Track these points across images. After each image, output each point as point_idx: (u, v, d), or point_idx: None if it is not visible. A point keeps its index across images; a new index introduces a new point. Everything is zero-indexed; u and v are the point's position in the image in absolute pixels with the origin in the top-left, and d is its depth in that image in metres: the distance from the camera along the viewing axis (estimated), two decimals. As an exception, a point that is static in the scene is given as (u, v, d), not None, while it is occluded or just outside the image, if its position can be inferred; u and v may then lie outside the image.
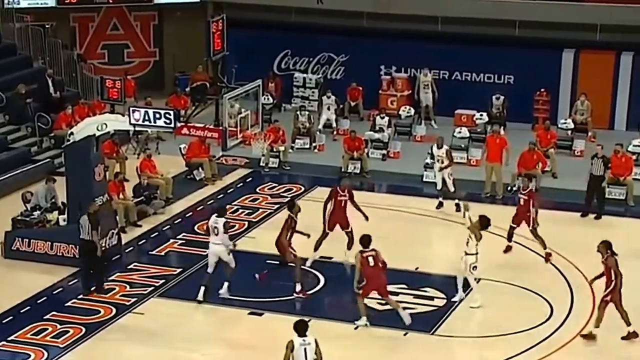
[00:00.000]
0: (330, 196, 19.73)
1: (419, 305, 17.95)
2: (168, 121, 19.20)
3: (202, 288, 17.84)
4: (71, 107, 26.14)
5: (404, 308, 17.47)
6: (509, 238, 20.06)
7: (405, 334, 16.87)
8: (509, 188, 23.53)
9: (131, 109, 19.58)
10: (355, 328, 16.95)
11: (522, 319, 17.26)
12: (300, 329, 13.36)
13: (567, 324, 17.19)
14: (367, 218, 19.43)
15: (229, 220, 18.64)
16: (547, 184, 24.03)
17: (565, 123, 27.43)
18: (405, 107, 28.87)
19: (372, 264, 16.82)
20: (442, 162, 22.43)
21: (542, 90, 28.63)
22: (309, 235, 18.80)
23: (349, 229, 19.51)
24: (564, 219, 21.98)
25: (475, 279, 17.81)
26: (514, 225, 20.03)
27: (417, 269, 19.54)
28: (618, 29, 28.10)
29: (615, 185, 23.24)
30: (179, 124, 20.09)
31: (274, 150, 25.72)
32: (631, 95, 28.39)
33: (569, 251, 19.86)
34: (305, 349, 13.20)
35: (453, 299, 17.86)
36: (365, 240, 17.00)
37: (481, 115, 27.85)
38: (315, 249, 19.46)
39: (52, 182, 21.48)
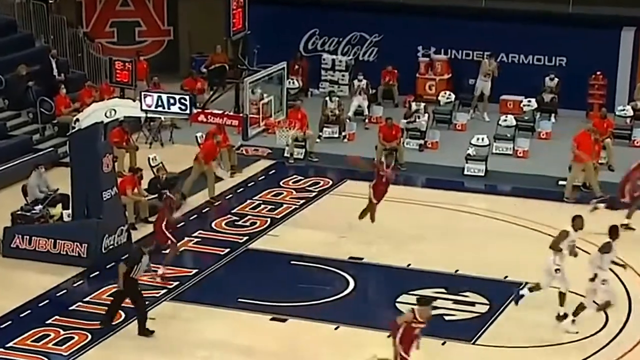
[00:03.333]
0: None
1: (458, 311, 17.94)
2: (183, 107, 19.25)
3: None
4: (64, 88, 26.31)
5: (443, 315, 17.49)
6: None
7: (443, 343, 16.87)
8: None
9: (143, 93, 19.64)
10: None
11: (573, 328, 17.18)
12: None
13: (623, 335, 17.11)
14: None
15: None
16: (604, 178, 23.89)
17: (623, 110, 27.31)
18: (445, 93, 28.84)
19: None
20: None
21: (598, 73, 28.48)
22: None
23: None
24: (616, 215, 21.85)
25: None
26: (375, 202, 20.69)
27: (457, 271, 19.53)
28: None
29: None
30: (195, 110, 20.12)
31: (304, 135, 25.68)
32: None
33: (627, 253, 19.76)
34: None
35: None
36: None
37: (529, 101, 27.76)
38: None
39: (43, 170, 21.60)
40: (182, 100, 19.28)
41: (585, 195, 22.98)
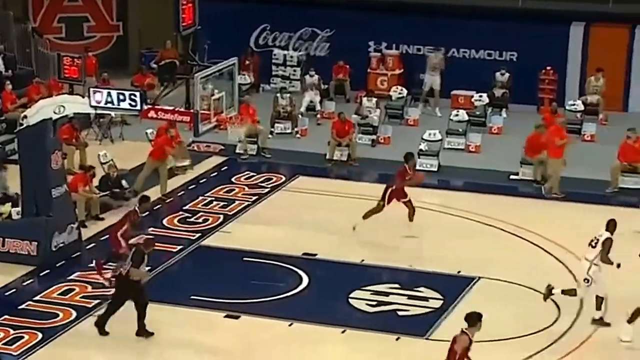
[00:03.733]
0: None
1: (412, 307, 18.01)
2: (133, 103, 19.15)
3: None
4: (10, 84, 26.06)
5: (396, 310, 17.56)
6: None
7: (397, 339, 16.93)
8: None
9: (92, 89, 19.52)
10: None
11: (526, 322, 17.29)
12: None
13: (576, 327, 17.28)
14: None
15: None
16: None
17: (574, 105, 27.56)
18: (397, 88, 28.94)
19: None
20: None
21: (548, 68, 28.72)
22: None
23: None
24: (568, 209, 22.09)
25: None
26: None
27: (410, 266, 19.62)
28: (632, -1, 28.32)
29: (629, 173, 23.39)
30: (145, 107, 20.04)
31: (256, 129, 25.67)
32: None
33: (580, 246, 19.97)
34: None
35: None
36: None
37: (480, 96, 27.94)
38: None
39: (3, 170, 21.41)
40: (132, 97, 19.15)
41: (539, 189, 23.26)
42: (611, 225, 17.12)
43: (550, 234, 20.64)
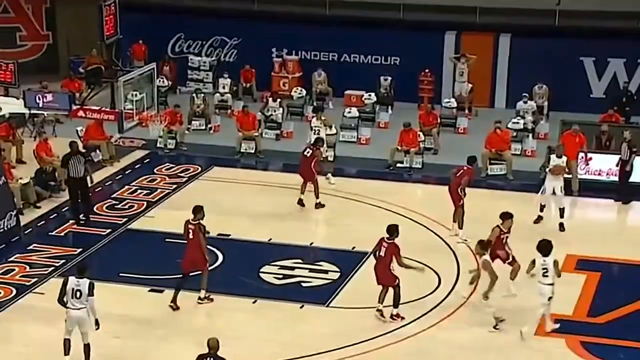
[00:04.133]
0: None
1: (314, 279, 18.17)
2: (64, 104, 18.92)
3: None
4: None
5: (300, 282, 17.73)
6: None
7: (301, 307, 17.07)
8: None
9: (26, 92, 19.19)
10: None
11: (411, 289, 17.54)
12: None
13: (454, 293, 17.65)
14: None
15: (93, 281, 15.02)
16: (431, 160, 24.55)
17: (448, 102, 27.97)
18: (297, 89, 29.01)
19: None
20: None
21: (427, 71, 29.08)
22: None
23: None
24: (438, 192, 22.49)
25: None
26: None
27: (311, 244, 19.75)
28: (496, 11, 28.78)
29: (496, 160, 23.91)
30: (74, 107, 19.79)
31: (172, 132, 25.58)
32: (509, 75, 29.12)
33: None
34: None
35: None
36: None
37: (369, 95, 28.20)
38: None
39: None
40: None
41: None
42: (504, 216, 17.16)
43: (428, 212, 21.00)
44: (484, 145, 23.90)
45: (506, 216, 17.28)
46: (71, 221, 20.54)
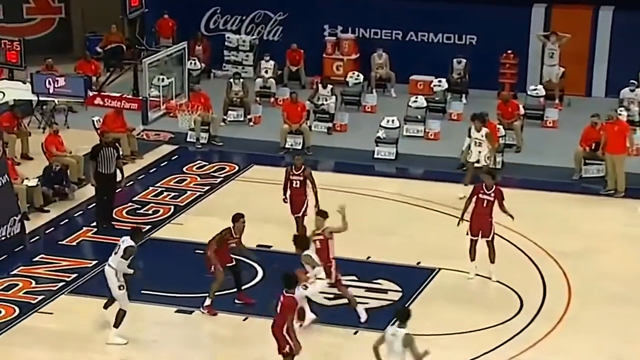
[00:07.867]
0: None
1: (371, 299, 18.15)
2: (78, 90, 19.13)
3: None
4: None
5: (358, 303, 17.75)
6: None
7: (355, 333, 17.06)
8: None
9: (34, 75, 19.45)
10: None
11: (487, 314, 17.47)
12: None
13: (539, 320, 17.51)
14: (512, 217, 18.85)
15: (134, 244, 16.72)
16: (513, 160, 24.40)
17: (535, 90, 27.79)
18: (353, 73, 29.04)
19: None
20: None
21: (509, 52, 28.93)
22: None
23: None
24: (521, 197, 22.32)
25: None
26: None
27: (368, 258, 19.74)
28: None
29: (592, 160, 23.63)
30: (90, 93, 20.02)
31: (209, 117, 25.66)
32: (611, 56, 28.82)
33: (543, 236, 20.21)
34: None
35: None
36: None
37: (439, 81, 28.13)
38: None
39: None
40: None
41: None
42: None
43: (509, 222, 20.82)
44: (578, 142, 23.68)
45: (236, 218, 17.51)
46: (95, 225, 20.65)
